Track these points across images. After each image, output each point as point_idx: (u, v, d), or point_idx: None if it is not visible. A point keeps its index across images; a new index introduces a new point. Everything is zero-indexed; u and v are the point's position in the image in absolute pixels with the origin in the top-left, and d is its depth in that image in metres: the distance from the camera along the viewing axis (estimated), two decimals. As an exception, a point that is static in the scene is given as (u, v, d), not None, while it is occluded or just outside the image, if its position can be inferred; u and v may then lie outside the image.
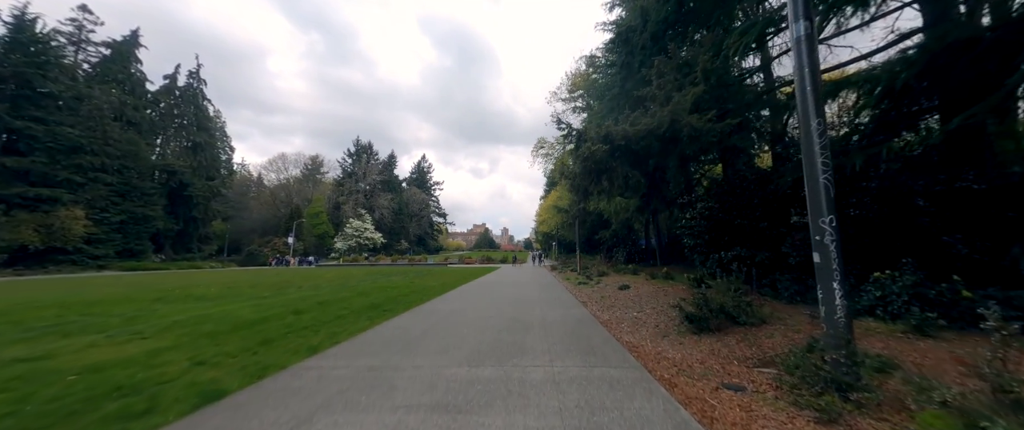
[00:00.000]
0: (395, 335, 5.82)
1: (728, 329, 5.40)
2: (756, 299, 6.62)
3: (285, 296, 9.93)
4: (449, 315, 7.52)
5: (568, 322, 6.79)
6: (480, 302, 9.40)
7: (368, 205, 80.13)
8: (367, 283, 14.52)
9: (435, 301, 9.71)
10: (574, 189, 9.72)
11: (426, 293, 11.50)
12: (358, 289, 12.10)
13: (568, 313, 7.77)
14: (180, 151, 41.96)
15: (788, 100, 8.62)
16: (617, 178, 8.64)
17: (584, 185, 8.99)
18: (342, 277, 18.56)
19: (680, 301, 6.06)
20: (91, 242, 28.50)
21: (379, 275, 20.51)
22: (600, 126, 7.95)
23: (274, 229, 63.14)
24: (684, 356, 4.62)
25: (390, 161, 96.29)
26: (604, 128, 7.60)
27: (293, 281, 15.62)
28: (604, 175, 8.33)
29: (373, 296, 10.49)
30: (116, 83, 36.87)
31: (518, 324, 6.60)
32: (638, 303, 8.84)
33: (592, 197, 10.97)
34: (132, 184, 32.45)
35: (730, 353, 4.59)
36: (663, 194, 10.24)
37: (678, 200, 10.80)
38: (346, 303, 8.96)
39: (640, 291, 11.05)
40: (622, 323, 6.81)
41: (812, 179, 3.36)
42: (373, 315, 7.51)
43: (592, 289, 12.53)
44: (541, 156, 43.41)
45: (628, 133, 7.16)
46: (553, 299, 10.02)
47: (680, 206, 11.86)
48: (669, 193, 10.03)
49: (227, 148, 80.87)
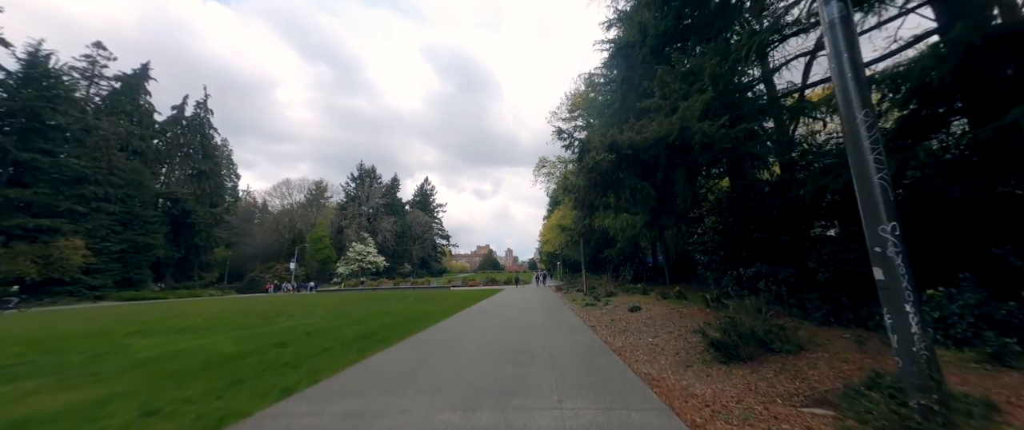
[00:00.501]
0: (383, 370, 5.18)
1: (761, 357, 4.72)
2: (788, 322, 5.93)
3: (273, 326, 9.31)
4: (446, 345, 6.86)
5: (577, 350, 6.12)
6: (481, 329, 8.73)
7: (371, 228, 79.94)
8: (364, 310, 13.86)
9: (433, 328, 9.05)
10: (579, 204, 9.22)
11: (424, 319, 10.83)
12: (352, 317, 11.44)
13: (576, 339, 7.09)
14: (184, 179, 42.28)
15: (800, 104, 8.21)
16: (624, 191, 8.15)
17: (589, 199, 8.49)
18: (339, 303, 17.88)
19: (703, 326, 5.41)
20: (89, 272, 28.12)
21: (378, 301, 19.80)
22: (604, 135, 7.53)
23: (277, 255, 62.72)
24: (715, 392, 3.94)
25: (393, 184, 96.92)
26: (609, 136, 7.18)
27: (287, 309, 14.98)
28: (611, 188, 7.84)
29: (367, 324, 9.83)
30: (124, 115, 37.71)
31: (522, 354, 5.94)
32: (652, 326, 8.12)
33: (598, 212, 10.45)
34: (134, 213, 32.43)
35: (769, 388, 3.92)
36: (673, 208, 9.72)
37: (689, 214, 10.25)
38: (336, 333, 8.32)
39: (652, 313, 10.31)
40: (637, 350, 6.12)
41: (863, 180, 2.84)
42: (364, 346, 6.88)
43: (600, 311, 11.78)
44: (543, 175, 43.27)
45: (635, 142, 6.72)
46: (559, 323, 9.32)
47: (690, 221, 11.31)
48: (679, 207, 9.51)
49: (233, 175, 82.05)
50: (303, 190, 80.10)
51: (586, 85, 35.36)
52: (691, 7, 10.53)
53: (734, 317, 4.68)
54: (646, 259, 28.90)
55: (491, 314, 11.90)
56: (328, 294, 33.64)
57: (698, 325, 7.66)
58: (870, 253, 2.80)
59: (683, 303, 11.64)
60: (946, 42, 4.74)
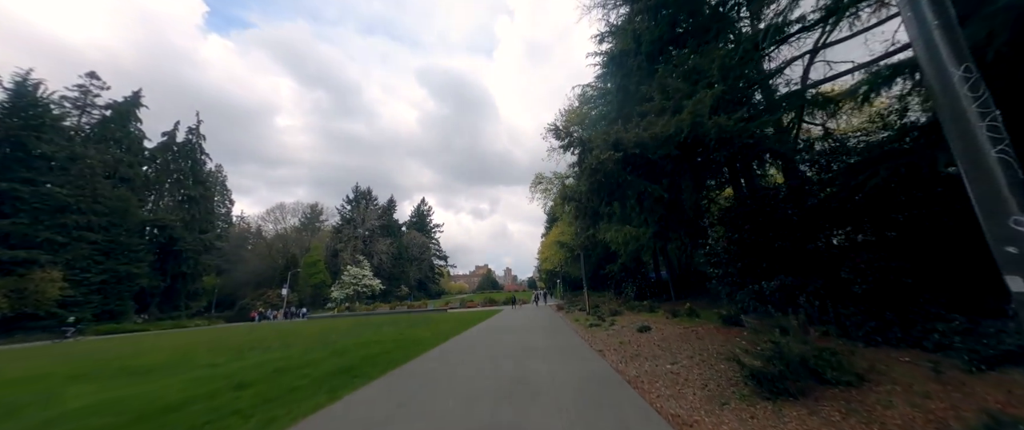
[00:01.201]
0: (353, 417, 4.25)
1: (815, 392, 3.85)
2: (834, 344, 5.07)
3: (241, 362, 8.29)
4: (434, 379, 5.91)
5: (586, 383, 5.21)
6: (476, 356, 7.76)
7: (367, 251, 78.53)
8: (350, 338, 12.78)
9: (422, 358, 8.07)
10: (580, 214, 8.47)
11: (415, 347, 9.82)
12: (335, 347, 10.40)
13: (584, 368, 6.16)
14: (173, 206, 41.27)
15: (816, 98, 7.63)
16: (629, 198, 7.43)
17: (592, 207, 7.74)
18: (326, 331, 16.72)
19: (736, 352, 4.54)
20: (66, 305, 26.71)
21: (369, 326, 18.62)
22: (608, 131, 6.87)
23: (270, 281, 61.03)
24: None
25: (389, 206, 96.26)
26: (613, 133, 6.50)
27: (265, 340, 13.84)
28: (615, 193, 7.11)
29: (350, 355, 8.82)
30: (114, 142, 37.09)
31: (521, 388, 5.02)
32: (668, 351, 7.20)
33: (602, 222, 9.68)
34: (118, 241, 31.26)
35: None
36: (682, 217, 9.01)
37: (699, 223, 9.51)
38: (311, 368, 7.33)
39: (665, 333, 9.38)
40: (656, 381, 5.22)
41: (972, 157, 2.10)
42: (338, 384, 5.91)
43: (606, 332, 10.81)
44: (540, 191, 42.72)
45: (642, 139, 6.04)
46: (563, 348, 8.36)
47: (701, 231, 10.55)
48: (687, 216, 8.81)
49: (227, 201, 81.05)
50: (297, 214, 79.16)
51: (580, 100, 35.34)
52: (685, 13, 10.19)
53: (779, 341, 3.83)
54: (649, 274, 27.94)
55: (488, 338, 10.89)
56: (318, 320, 32.18)
57: (721, 348, 6.78)
58: (997, 255, 2.02)
59: (696, 321, 10.71)
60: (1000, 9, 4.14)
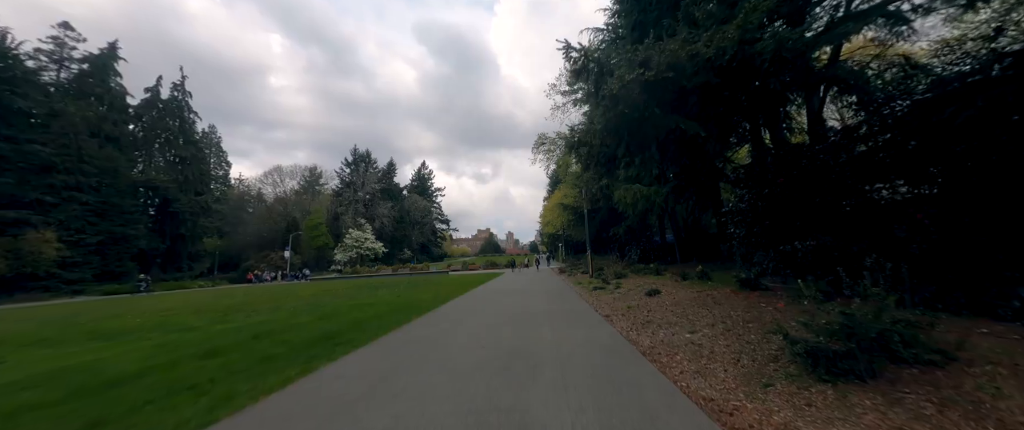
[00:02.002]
0: (324, 394, 3.60)
1: (887, 373, 3.09)
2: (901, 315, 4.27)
3: (221, 326, 7.76)
4: (425, 348, 5.28)
5: (595, 354, 4.53)
6: (474, 321, 7.16)
7: (368, 215, 78.41)
8: (345, 301, 12.33)
9: (416, 323, 7.48)
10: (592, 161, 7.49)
11: (410, 310, 9.28)
12: (326, 310, 9.90)
13: (591, 336, 5.50)
14: (165, 166, 40.14)
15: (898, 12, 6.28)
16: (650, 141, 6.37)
17: (607, 151, 6.75)
18: (322, 293, 16.39)
19: (781, 324, 3.77)
20: (65, 266, 26.60)
21: (368, 289, 18.32)
22: (634, 50, 5.69)
23: (271, 244, 61.34)
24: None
25: (389, 169, 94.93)
26: (641, 52, 5.35)
27: (256, 302, 13.46)
28: (637, 134, 6.06)
29: (338, 319, 8.27)
30: (95, 98, 35.22)
31: (521, 362, 4.35)
32: (684, 317, 6.53)
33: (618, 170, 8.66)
34: (111, 202, 30.59)
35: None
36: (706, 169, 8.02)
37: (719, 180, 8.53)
38: (294, 333, 6.75)
39: (676, 297, 8.73)
40: (676, 354, 4.53)
41: None
42: (318, 353, 5.29)
43: (612, 296, 10.22)
44: (543, 153, 41.15)
45: (678, 60, 4.85)
46: (566, 313, 7.74)
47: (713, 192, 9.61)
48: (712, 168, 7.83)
49: (223, 163, 79.82)
50: (296, 176, 78.12)
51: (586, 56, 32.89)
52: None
53: (853, 312, 3.01)
54: (654, 237, 27.33)
55: (488, 302, 10.35)
56: (320, 282, 32.31)
57: (745, 314, 6.05)
58: None
59: (708, 285, 10.06)
60: None
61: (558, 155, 41.83)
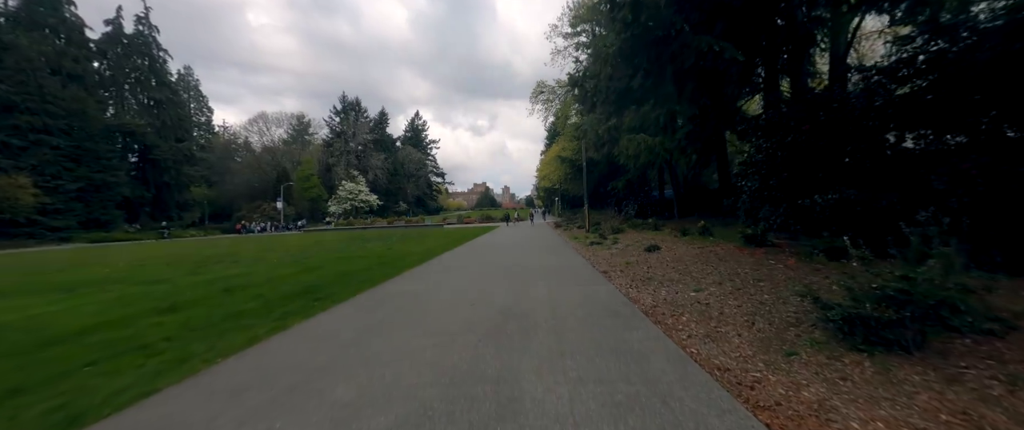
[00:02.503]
0: (287, 360, 3.17)
1: (936, 343, 2.67)
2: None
3: (194, 277, 7.32)
4: (410, 305, 4.87)
5: (594, 316, 4.12)
6: (464, 277, 6.76)
7: (360, 166, 76.70)
8: (333, 252, 11.93)
9: (404, 276, 7.09)
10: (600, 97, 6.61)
11: (399, 263, 8.89)
12: (310, 262, 9.49)
13: (589, 295, 5.10)
14: (139, 110, 37.62)
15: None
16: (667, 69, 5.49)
17: (619, 84, 5.88)
18: (310, 245, 16.02)
19: (806, 286, 3.30)
20: (47, 213, 25.79)
21: (359, 241, 17.97)
22: None
23: (263, 194, 60.32)
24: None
25: (381, 119, 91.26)
26: None
27: (239, 253, 13.04)
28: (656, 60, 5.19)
29: (322, 272, 7.86)
30: (49, 30, 31.83)
31: (513, 322, 3.95)
32: (687, 274, 6.15)
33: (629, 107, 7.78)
34: (85, 147, 28.97)
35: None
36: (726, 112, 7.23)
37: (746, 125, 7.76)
38: (270, 287, 6.32)
39: (677, 253, 8.37)
40: (681, 314, 4.14)
41: None
42: (292, 310, 4.87)
43: (610, 252, 9.88)
44: (541, 103, 39.14)
45: None
46: (562, 269, 7.36)
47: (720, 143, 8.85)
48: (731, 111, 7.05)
49: (205, 108, 75.78)
50: (282, 124, 74.79)
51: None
52: None
53: (914, 275, 2.49)
54: (652, 192, 26.86)
55: (481, 256, 9.99)
56: (312, 234, 32.06)
57: (752, 271, 5.64)
58: None
59: (710, 241, 9.69)
60: None
61: (557, 106, 39.85)
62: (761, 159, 7.01)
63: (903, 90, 5.92)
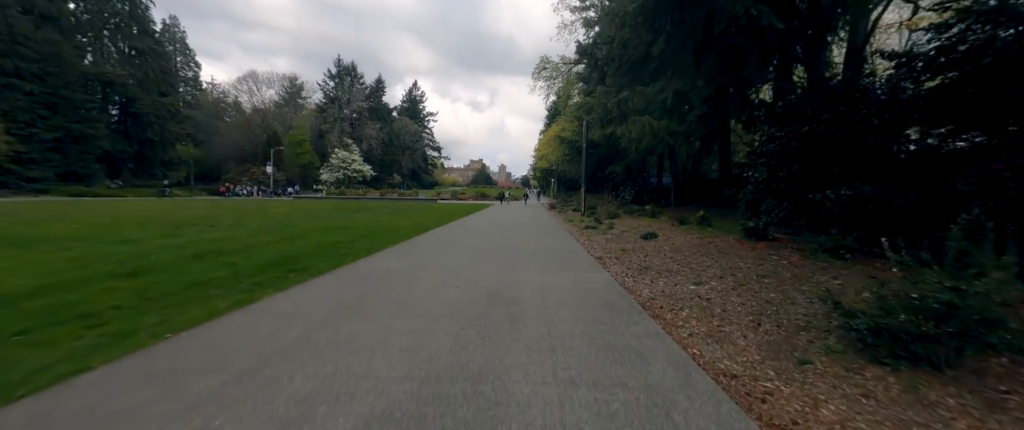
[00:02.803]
0: (244, 340, 2.82)
1: (973, 362, 2.41)
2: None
3: (167, 240, 6.88)
4: (392, 282, 4.54)
5: (588, 305, 3.83)
6: (451, 256, 6.43)
7: (355, 135, 74.86)
8: (318, 222, 11.48)
9: (388, 252, 6.73)
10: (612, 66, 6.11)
11: (385, 237, 8.52)
12: (292, 231, 9.07)
13: (583, 282, 4.81)
14: (120, 60, 35.47)
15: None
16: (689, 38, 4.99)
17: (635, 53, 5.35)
18: (296, 212, 15.50)
19: (826, 290, 3.02)
20: (22, 162, 24.61)
21: (348, 211, 17.48)
22: None
23: (253, 157, 58.67)
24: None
25: (378, 87, 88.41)
26: None
27: (219, 216, 12.51)
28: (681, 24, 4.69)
29: (303, 242, 7.47)
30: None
31: (499, 308, 3.64)
32: (686, 265, 5.88)
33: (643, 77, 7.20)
34: (61, 95, 27.34)
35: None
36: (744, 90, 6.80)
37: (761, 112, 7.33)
38: (245, 256, 5.93)
39: (675, 243, 8.11)
40: (682, 309, 3.87)
41: None
42: (264, 282, 4.51)
43: (604, 236, 9.60)
44: (544, 79, 37.86)
45: None
46: (555, 252, 7.05)
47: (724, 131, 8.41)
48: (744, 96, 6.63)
49: (192, 63, 72.33)
50: (273, 84, 71.94)
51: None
52: None
53: (965, 286, 2.19)
54: (650, 179, 26.54)
55: (472, 234, 9.65)
56: (301, 201, 31.38)
57: (755, 267, 5.37)
58: None
59: (708, 232, 9.45)
60: None
61: (560, 84, 38.64)
62: (773, 149, 6.64)
63: (932, 83, 5.52)
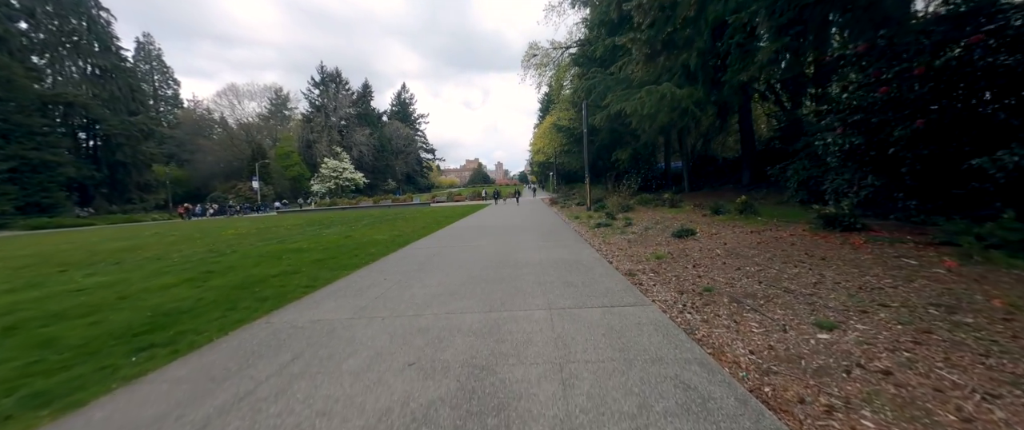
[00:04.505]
0: None
1: None
2: None
3: (15, 296, 4.88)
4: (300, 361, 2.50)
5: (647, 396, 1.77)
6: (421, 288, 4.39)
7: (344, 142, 72.86)
8: (270, 245, 9.46)
9: (335, 287, 4.72)
10: None
11: (345, 261, 6.53)
12: (222, 262, 7.06)
13: (618, 327, 2.76)
14: (82, 79, 33.21)
15: None
16: None
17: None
18: (251, 234, 13.46)
19: None
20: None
21: (321, 225, 15.45)
22: None
23: (239, 173, 56.68)
24: None
25: (365, 92, 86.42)
26: None
27: (146, 247, 10.48)
28: None
29: (223, 279, 5.47)
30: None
31: (481, 400, 1.63)
32: (769, 281, 3.86)
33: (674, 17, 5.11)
34: (15, 121, 25.22)
35: None
36: None
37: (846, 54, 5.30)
38: (96, 317, 3.92)
39: (725, 241, 6.08)
40: (851, 409, 1.83)
41: None
42: (84, 376, 2.49)
43: (624, 237, 7.57)
44: (533, 67, 35.63)
45: None
46: (567, 267, 4.99)
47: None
48: None
49: (170, 81, 70.26)
50: (256, 97, 69.81)
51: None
52: None
53: None
54: (657, 165, 24.52)
55: (458, 246, 7.62)
56: (284, 215, 29.40)
57: (901, 280, 3.31)
58: None
59: (758, 222, 7.40)
60: None
61: (551, 71, 36.45)
62: (878, 99, 4.57)
63: None
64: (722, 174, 20.01)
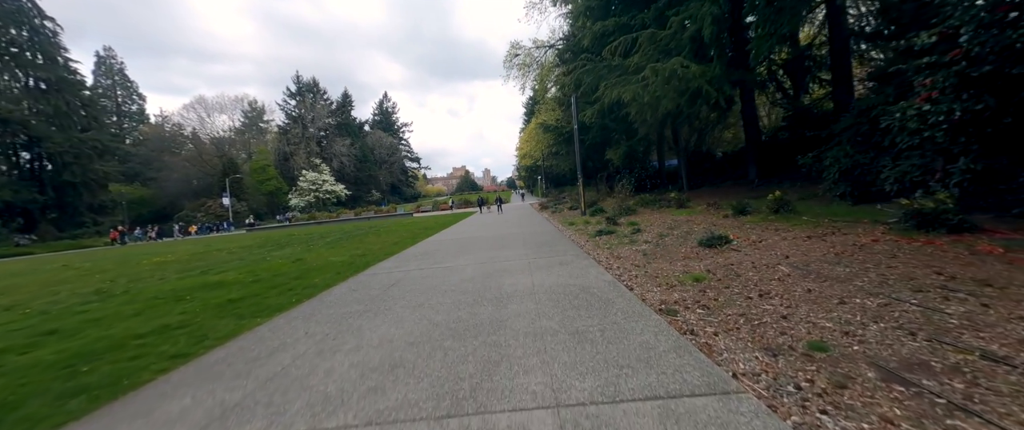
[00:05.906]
0: None
1: None
2: None
3: None
4: None
5: None
6: (359, 347, 2.66)
7: (323, 154, 70.27)
8: (190, 277, 7.56)
9: (232, 348, 2.93)
10: None
11: (272, 301, 4.76)
12: (99, 309, 5.19)
13: None
14: (23, 93, 30.16)
15: None
16: None
17: None
18: (192, 258, 11.46)
19: None
20: None
21: (276, 245, 13.46)
22: None
23: (209, 190, 53.58)
24: None
25: (345, 102, 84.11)
26: None
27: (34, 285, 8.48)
28: None
29: (86, 336, 3.63)
30: None
31: None
32: (920, 321, 2.29)
33: None
34: (-63, 142, 22.29)
35: None
36: None
37: None
38: None
39: (780, 249, 4.55)
40: None
41: None
42: None
43: (635, 249, 5.98)
44: (516, 67, 34.33)
45: None
46: (573, 295, 3.32)
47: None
48: None
49: (134, 96, 66.66)
50: (226, 109, 66.74)
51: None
52: None
53: None
54: (651, 163, 23.29)
55: (430, 269, 5.87)
56: (253, 233, 27.05)
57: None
58: None
59: (808, 222, 5.91)
60: None
61: (535, 71, 35.19)
62: (986, 52, 3.11)
63: None
64: (721, 170, 18.84)
